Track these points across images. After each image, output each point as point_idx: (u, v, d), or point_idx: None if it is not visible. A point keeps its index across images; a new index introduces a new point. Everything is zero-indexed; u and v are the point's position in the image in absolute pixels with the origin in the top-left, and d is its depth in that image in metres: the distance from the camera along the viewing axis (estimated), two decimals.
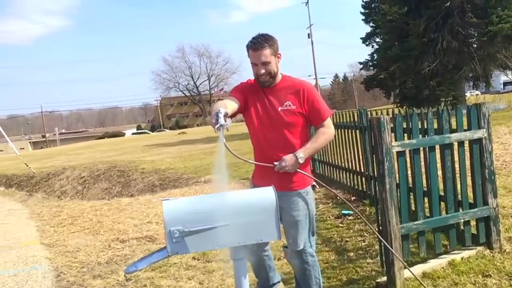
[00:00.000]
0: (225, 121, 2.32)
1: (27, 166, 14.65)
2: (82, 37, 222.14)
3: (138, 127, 79.20)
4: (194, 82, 77.08)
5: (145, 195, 9.06)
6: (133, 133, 61.75)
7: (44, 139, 70.25)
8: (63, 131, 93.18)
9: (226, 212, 2.11)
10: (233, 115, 2.76)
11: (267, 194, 2.17)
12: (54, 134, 71.65)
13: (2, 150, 53.89)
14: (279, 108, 2.79)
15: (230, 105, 2.65)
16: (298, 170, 2.79)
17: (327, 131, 2.88)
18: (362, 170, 5.98)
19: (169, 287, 3.90)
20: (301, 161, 2.75)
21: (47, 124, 78.74)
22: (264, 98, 2.83)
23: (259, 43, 2.71)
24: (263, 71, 2.74)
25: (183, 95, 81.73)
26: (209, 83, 76.65)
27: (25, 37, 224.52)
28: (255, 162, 2.88)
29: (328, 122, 2.89)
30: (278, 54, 2.79)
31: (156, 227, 5.85)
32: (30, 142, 69.18)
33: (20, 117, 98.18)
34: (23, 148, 51.30)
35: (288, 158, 2.73)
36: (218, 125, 2.29)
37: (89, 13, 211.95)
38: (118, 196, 10.33)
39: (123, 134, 62.83)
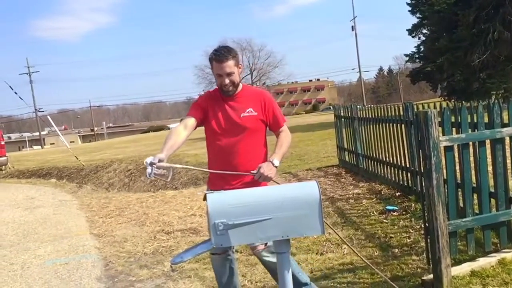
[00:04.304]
0: (152, 168, 2.50)
1: (77, 158, 15.18)
2: (127, 33, 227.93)
3: None
4: None
5: (189, 188, 9.23)
6: None
7: (93, 132, 72.66)
8: (110, 125, 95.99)
9: (269, 205, 2.12)
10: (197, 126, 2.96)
11: (311, 189, 2.17)
12: (102, 128, 73.96)
13: (53, 143, 56.21)
14: (242, 115, 2.91)
15: (183, 129, 2.84)
16: (273, 179, 2.80)
17: (288, 135, 3.02)
18: (408, 165, 5.86)
19: (213, 279, 3.95)
20: (276, 164, 2.80)
21: (95, 118, 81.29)
22: (226, 106, 2.94)
23: (223, 55, 2.83)
24: (227, 81, 2.85)
25: None
26: (251, 77, 76.53)
27: (75, 34, 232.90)
28: (231, 172, 2.85)
29: (285, 127, 3.05)
30: (239, 65, 2.91)
31: (200, 219, 5.95)
32: (79, 136, 71.69)
33: (70, 111, 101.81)
34: (73, 142, 53.25)
35: (265, 165, 2.76)
36: (147, 176, 2.52)
37: (135, 10, 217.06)
38: (163, 188, 10.55)
39: (167, 128, 64.08)
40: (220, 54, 2.83)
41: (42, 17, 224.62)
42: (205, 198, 2.94)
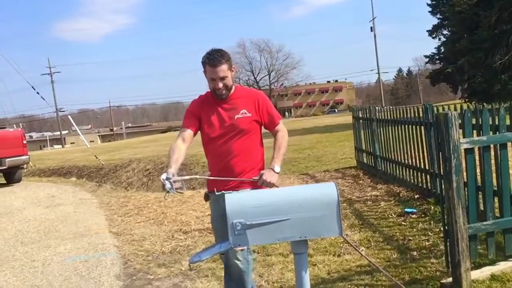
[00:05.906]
0: (170, 183, 2.60)
1: (97, 158, 15.36)
2: (147, 34, 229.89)
3: None
4: (255, 77, 77.30)
5: (206, 188, 9.27)
6: None
7: (112, 132, 73.51)
8: (129, 125, 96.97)
9: (288, 206, 2.13)
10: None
11: (329, 190, 2.16)
12: (121, 128, 74.79)
13: (73, 143, 57.07)
14: (236, 116, 2.92)
15: (181, 143, 2.87)
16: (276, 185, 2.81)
17: (285, 134, 3.03)
18: (427, 167, 5.79)
19: None
20: (277, 171, 2.83)
21: (114, 118, 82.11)
22: (219, 109, 2.95)
23: (217, 59, 2.83)
24: (220, 85, 2.86)
25: None
26: (269, 78, 76.59)
27: (95, 35, 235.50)
28: (235, 179, 2.89)
29: (281, 125, 3.06)
30: (232, 68, 2.92)
31: None
32: (99, 135, 72.65)
33: (90, 111, 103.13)
34: (93, 141, 53.95)
35: (267, 172, 2.80)
36: (165, 193, 2.64)
37: (154, 11, 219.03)
38: (180, 188, 10.63)
39: None
40: (214, 58, 2.83)
41: (63, 18, 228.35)
42: (206, 199, 3.05)
